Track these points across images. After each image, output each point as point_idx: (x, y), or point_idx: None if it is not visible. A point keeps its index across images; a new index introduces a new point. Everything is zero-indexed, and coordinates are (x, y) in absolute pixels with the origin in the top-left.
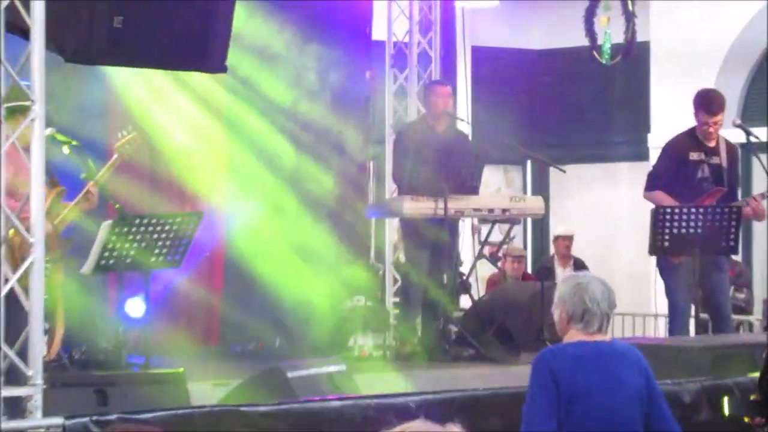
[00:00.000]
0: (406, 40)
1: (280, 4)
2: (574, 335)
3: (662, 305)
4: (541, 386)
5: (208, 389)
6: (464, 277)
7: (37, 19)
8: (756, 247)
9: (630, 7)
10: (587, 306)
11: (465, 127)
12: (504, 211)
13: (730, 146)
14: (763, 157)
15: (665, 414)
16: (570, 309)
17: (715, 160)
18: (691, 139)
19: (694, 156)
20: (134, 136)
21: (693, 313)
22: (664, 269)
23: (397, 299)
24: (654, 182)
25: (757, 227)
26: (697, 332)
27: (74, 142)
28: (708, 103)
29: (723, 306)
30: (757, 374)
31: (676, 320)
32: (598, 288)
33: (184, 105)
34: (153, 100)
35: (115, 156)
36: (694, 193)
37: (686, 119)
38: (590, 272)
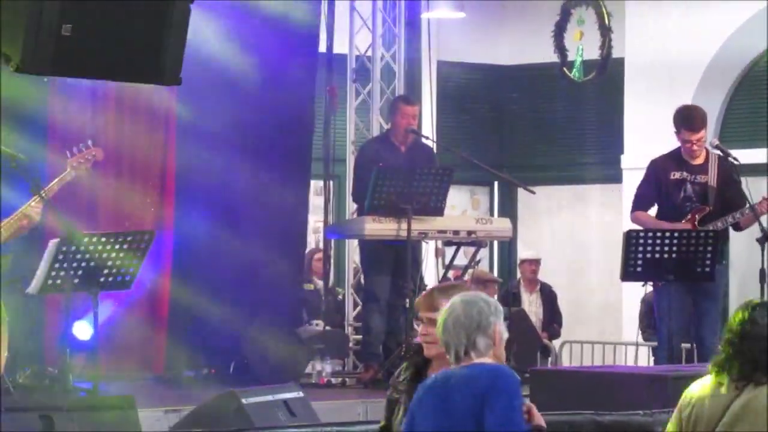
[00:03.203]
0: (369, 53)
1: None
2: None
3: (632, 333)
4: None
5: (159, 416)
6: None
7: None
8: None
9: (606, 22)
10: (442, 335)
11: (429, 145)
12: (470, 233)
13: (723, 163)
14: (743, 180)
15: (494, 424)
16: (440, 338)
17: (700, 178)
18: (674, 158)
19: (675, 175)
20: (96, 152)
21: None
22: (657, 292)
23: (358, 324)
24: (636, 204)
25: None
26: (669, 361)
27: (22, 157)
28: (689, 119)
29: (705, 337)
30: None
31: (660, 349)
32: (454, 314)
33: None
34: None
35: (67, 170)
36: (677, 214)
37: (661, 140)
38: (474, 294)
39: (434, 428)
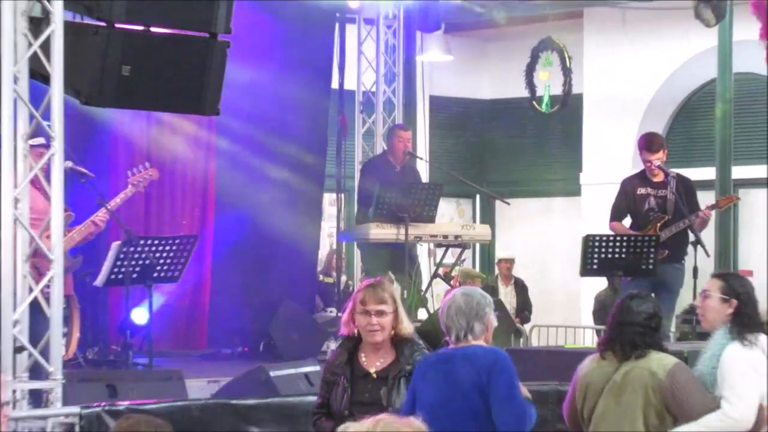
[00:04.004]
0: (374, 89)
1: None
2: (449, 343)
3: (589, 319)
4: (409, 387)
5: (203, 385)
6: (421, 293)
7: (56, 67)
8: None
9: (568, 64)
10: (445, 320)
11: (423, 164)
12: (456, 237)
13: (680, 180)
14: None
15: (498, 401)
16: (442, 323)
17: (661, 192)
18: (640, 176)
19: (641, 191)
20: (152, 172)
21: None
22: (625, 285)
23: None
24: (612, 215)
25: None
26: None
27: (90, 174)
28: (648, 143)
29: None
30: None
31: None
32: (456, 303)
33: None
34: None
35: (129, 187)
36: (643, 222)
37: (614, 161)
38: (468, 288)
39: (440, 397)
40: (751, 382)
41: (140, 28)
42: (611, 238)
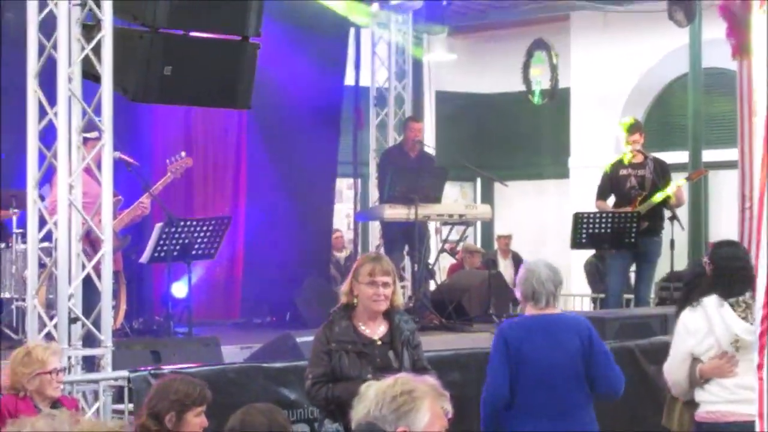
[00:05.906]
0: (386, 85)
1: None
2: (529, 310)
3: (578, 287)
4: (497, 352)
5: (236, 351)
6: (430, 267)
7: (106, 68)
8: None
9: (554, 61)
10: (535, 287)
11: (430, 152)
12: (460, 216)
13: (657, 162)
14: None
15: (601, 366)
16: (524, 290)
17: (641, 172)
18: (621, 159)
19: (623, 172)
20: (187, 161)
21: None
22: (607, 258)
23: None
24: (598, 194)
25: None
26: (614, 308)
27: (135, 163)
28: (627, 127)
29: (640, 290)
30: (653, 338)
31: (607, 298)
32: (544, 272)
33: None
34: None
35: (168, 174)
36: (626, 199)
37: (598, 147)
38: (541, 258)
39: (551, 362)
40: (679, 341)
41: (180, 32)
42: (598, 215)
